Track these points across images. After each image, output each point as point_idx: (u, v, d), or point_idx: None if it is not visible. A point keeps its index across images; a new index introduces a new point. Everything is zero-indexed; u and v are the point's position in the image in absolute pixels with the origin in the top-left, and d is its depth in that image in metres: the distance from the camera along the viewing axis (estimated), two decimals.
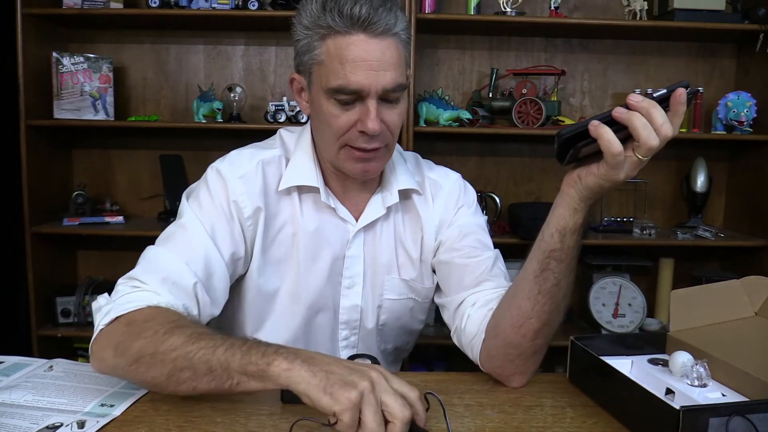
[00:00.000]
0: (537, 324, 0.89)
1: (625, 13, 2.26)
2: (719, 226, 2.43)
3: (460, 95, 2.41)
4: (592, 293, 2.21)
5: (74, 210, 2.18)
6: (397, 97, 0.95)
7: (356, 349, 1.11)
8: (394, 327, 1.13)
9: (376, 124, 0.92)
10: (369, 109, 0.92)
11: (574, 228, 0.83)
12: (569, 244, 0.84)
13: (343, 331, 1.10)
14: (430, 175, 1.14)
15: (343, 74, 0.90)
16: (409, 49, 0.98)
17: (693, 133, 2.25)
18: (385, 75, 0.91)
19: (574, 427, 0.82)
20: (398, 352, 1.21)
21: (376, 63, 0.90)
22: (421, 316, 1.17)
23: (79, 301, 2.17)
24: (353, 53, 0.90)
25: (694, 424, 0.69)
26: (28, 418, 0.78)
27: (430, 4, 2.14)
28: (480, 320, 0.98)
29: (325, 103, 0.94)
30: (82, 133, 2.38)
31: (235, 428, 0.79)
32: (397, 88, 0.93)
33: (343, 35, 0.90)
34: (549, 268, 0.86)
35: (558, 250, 0.85)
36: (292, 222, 1.04)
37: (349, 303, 1.08)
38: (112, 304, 0.88)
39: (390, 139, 0.98)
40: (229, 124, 2.21)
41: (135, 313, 0.85)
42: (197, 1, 2.12)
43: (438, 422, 0.81)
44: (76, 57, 2.17)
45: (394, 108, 0.96)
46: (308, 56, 0.95)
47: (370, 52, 0.90)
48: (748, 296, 0.99)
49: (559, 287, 0.87)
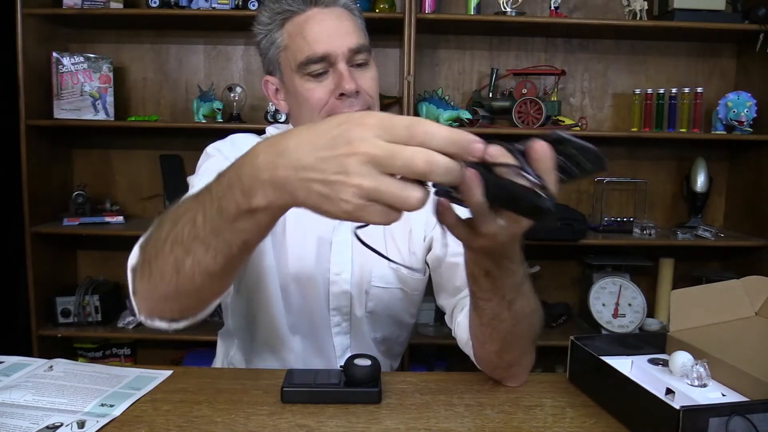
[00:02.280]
0: (495, 346, 0.88)
1: (625, 13, 2.26)
2: (719, 226, 2.43)
3: (460, 95, 2.41)
4: (592, 293, 2.21)
5: (74, 210, 2.18)
6: (365, 60, 1.01)
7: (348, 336, 1.13)
8: (382, 316, 1.14)
9: (351, 83, 0.96)
10: (341, 72, 0.97)
11: (482, 272, 0.75)
12: (485, 287, 0.78)
13: (335, 317, 1.11)
14: None
15: (308, 46, 0.97)
16: (361, 17, 1.05)
17: (693, 133, 2.25)
18: (346, 37, 0.98)
19: (574, 427, 0.82)
20: (390, 344, 1.21)
21: (334, 28, 0.98)
22: (411, 308, 1.18)
23: (79, 301, 2.17)
24: (312, 25, 0.98)
25: (694, 424, 0.69)
26: (28, 418, 0.78)
27: (430, 4, 2.14)
28: (467, 327, 0.96)
29: (299, 82, 0.99)
30: (82, 133, 2.38)
31: (235, 428, 0.79)
32: (361, 48, 0.99)
33: (299, 14, 0.99)
34: (479, 306, 0.82)
35: (477, 292, 0.80)
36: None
37: (339, 289, 1.10)
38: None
39: (371, 103, 1.01)
40: (229, 124, 2.21)
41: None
42: (197, 1, 2.12)
43: (438, 422, 0.81)
44: (76, 57, 2.17)
45: (365, 72, 1.01)
46: (273, 49, 1.02)
47: (327, 20, 0.98)
48: (748, 296, 0.99)
49: (500, 319, 0.82)
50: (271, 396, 0.87)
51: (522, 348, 0.89)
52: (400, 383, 0.94)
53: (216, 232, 0.64)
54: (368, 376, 0.87)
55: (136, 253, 0.78)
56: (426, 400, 0.88)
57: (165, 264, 0.70)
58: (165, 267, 0.70)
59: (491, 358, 0.91)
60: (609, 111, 2.45)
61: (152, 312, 0.78)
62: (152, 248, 0.72)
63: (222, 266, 0.67)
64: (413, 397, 0.89)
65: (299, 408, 0.85)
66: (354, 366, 0.88)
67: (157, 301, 0.76)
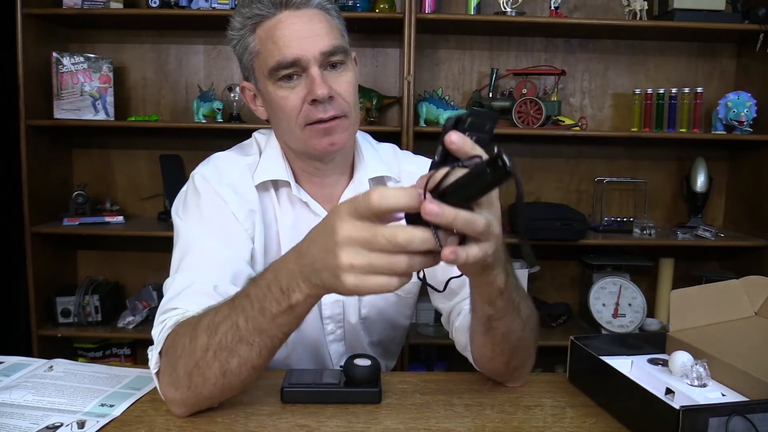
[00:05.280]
0: (505, 358, 0.89)
1: (625, 13, 2.26)
2: (719, 226, 2.43)
3: (460, 95, 2.41)
4: (592, 293, 2.21)
5: (74, 210, 2.18)
6: (340, 61, 0.97)
7: (343, 342, 1.12)
8: (377, 320, 1.14)
9: (323, 88, 0.93)
10: (313, 77, 0.94)
11: (498, 292, 0.77)
12: (501, 305, 0.79)
13: (329, 325, 1.11)
14: (408, 167, 1.13)
15: (278, 51, 0.94)
16: (339, 16, 1.02)
17: (693, 133, 2.25)
18: (318, 40, 0.95)
19: (574, 427, 0.82)
20: (386, 346, 1.20)
21: (305, 32, 0.95)
22: (406, 311, 1.17)
23: (79, 301, 2.17)
24: (282, 29, 0.95)
25: (694, 424, 0.69)
26: (28, 418, 0.78)
27: (430, 4, 2.14)
28: (464, 331, 0.97)
29: (272, 89, 0.97)
30: (82, 133, 2.38)
31: (235, 428, 0.79)
32: (336, 50, 0.96)
33: (270, 18, 0.96)
34: (492, 327, 0.83)
35: (494, 313, 0.81)
36: (274, 218, 1.05)
37: (331, 298, 1.08)
38: (152, 349, 0.85)
39: (347, 108, 0.98)
40: (229, 124, 2.21)
41: (167, 340, 0.82)
42: (197, 1, 2.12)
43: (438, 422, 0.81)
44: (76, 57, 2.17)
45: (340, 75, 0.97)
46: (246, 54, 0.99)
47: (297, 23, 0.95)
48: (748, 296, 0.99)
49: (511, 331, 0.84)
50: (271, 396, 0.87)
51: (528, 351, 0.91)
52: (400, 383, 0.94)
53: (259, 330, 0.72)
54: (368, 376, 0.87)
55: (157, 359, 0.83)
56: (426, 400, 0.89)
57: (209, 371, 0.76)
58: (209, 373, 0.76)
59: (499, 369, 0.92)
60: (609, 111, 2.45)
61: (191, 410, 0.82)
62: (189, 359, 0.77)
63: (266, 359, 0.76)
64: (413, 397, 0.89)
65: (299, 408, 0.85)
66: (354, 366, 0.88)
67: (201, 403, 0.82)
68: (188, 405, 0.81)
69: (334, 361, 1.12)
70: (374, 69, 2.39)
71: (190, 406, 0.81)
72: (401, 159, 1.14)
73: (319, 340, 1.11)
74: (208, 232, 0.95)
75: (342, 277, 0.61)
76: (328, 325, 1.10)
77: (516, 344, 0.86)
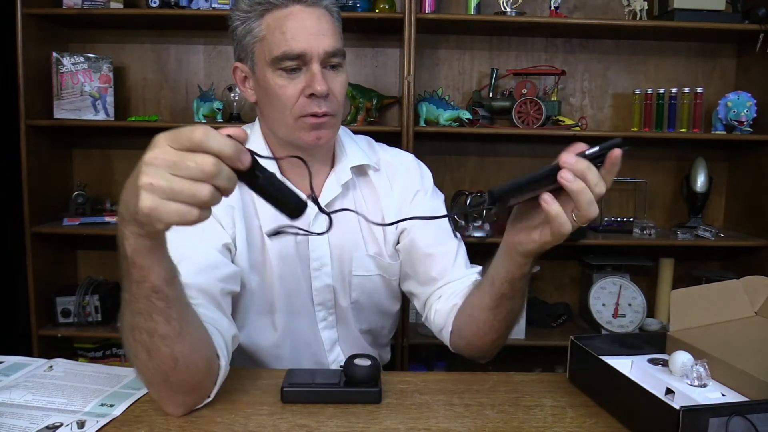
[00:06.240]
0: (495, 335, 0.99)
1: (625, 13, 2.26)
2: (719, 226, 2.43)
3: (460, 95, 2.41)
4: (592, 293, 2.21)
5: (74, 210, 2.18)
6: (339, 63, 1.02)
7: (335, 329, 1.15)
8: (367, 305, 1.16)
9: (323, 85, 0.97)
10: (314, 72, 0.98)
11: (521, 276, 0.88)
12: (518, 287, 0.90)
13: (320, 312, 1.13)
14: (385, 156, 1.17)
15: (285, 42, 0.97)
16: (340, 22, 1.05)
17: (693, 133, 2.25)
18: (324, 39, 0.98)
19: (574, 427, 0.82)
20: (376, 334, 1.23)
21: (314, 29, 0.98)
22: (392, 295, 1.19)
23: (79, 301, 2.17)
24: (292, 22, 0.97)
25: (694, 424, 0.69)
26: (28, 418, 0.78)
27: (430, 4, 2.14)
28: (446, 314, 1.07)
29: (271, 76, 0.99)
30: (82, 133, 2.38)
31: (235, 428, 0.79)
32: (337, 52, 1.00)
33: (281, 8, 0.98)
34: (502, 304, 0.93)
35: (509, 292, 0.91)
36: (254, 212, 1.06)
37: (321, 284, 1.11)
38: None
39: (337, 108, 1.02)
40: (229, 124, 2.20)
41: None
42: (197, 1, 2.12)
43: (438, 422, 0.81)
44: (76, 57, 2.17)
45: (337, 76, 1.02)
46: (249, 37, 1.01)
47: (307, 19, 0.98)
48: (748, 296, 0.99)
49: (513, 312, 0.95)
50: (271, 396, 0.87)
51: (510, 333, 1.01)
52: (400, 383, 0.94)
53: (136, 296, 0.70)
54: (368, 376, 0.87)
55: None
56: (426, 400, 0.89)
57: (140, 355, 0.74)
58: (141, 357, 0.75)
59: (484, 345, 1.01)
60: (609, 111, 2.45)
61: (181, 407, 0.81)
62: (128, 352, 0.77)
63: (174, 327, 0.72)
64: (413, 397, 0.89)
65: (299, 408, 0.85)
66: (354, 366, 0.88)
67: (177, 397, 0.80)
68: (170, 401, 0.81)
69: (326, 349, 1.14)
70: (374, 69, 2.39)
71: (173, 403, 0.81)
72: (377, 149, 1.19)
73: (312, 328, 1.13)
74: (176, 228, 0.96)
75: (140, 197, 0.59)
76: (320, 311, 1.13)
77: (510, 324, 0.97)
